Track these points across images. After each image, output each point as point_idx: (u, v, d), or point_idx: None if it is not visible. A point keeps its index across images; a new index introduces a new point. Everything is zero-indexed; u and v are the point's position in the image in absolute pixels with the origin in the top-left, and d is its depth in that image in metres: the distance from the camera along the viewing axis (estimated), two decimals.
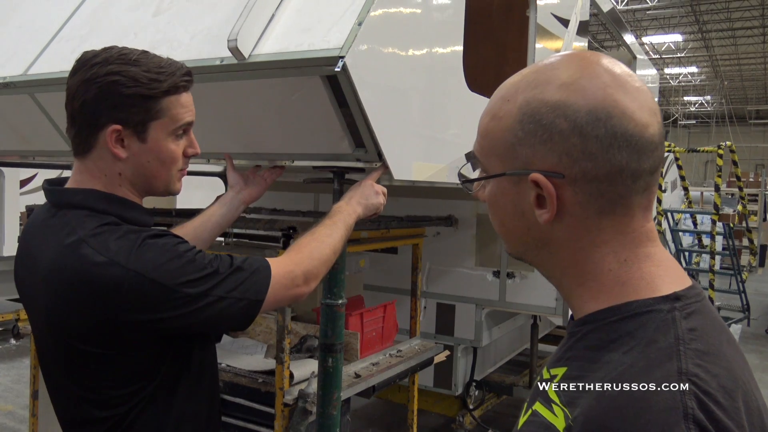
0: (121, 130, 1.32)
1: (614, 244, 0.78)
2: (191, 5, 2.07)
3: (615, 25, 4.71)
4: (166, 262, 1.28)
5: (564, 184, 0.76)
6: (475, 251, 3.93)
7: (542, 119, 0.76)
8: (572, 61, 0.79)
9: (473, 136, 0.87)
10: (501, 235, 0.88)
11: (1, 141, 2.74)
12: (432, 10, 2.17)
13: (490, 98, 0.86)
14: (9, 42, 2.48)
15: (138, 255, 1.27)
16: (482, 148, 0.85)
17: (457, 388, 4.06)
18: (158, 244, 1.31)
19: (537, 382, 0.83)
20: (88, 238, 1.28)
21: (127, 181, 1.39)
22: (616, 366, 0.70)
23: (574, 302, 0.83)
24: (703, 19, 22.01)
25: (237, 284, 1.36)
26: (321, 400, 2.08)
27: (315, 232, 1.61)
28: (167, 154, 1.38)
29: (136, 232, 1.32)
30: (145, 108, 1.32)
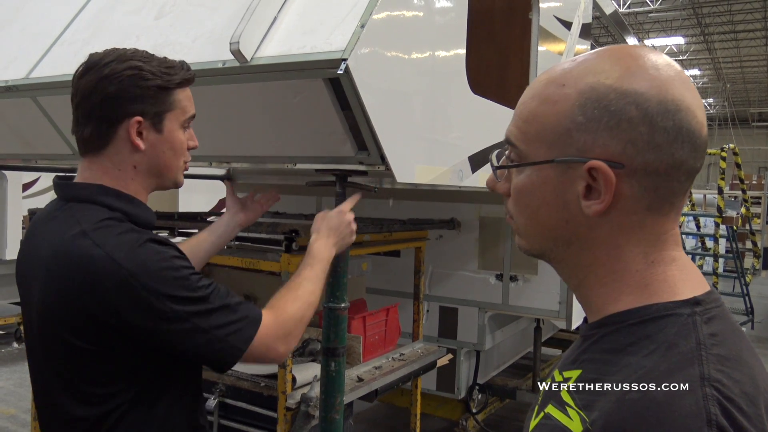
0: (142, 122, 1.38)
1: (647, 244, 0.76)
2: (193, 8, 2.07)
3: (617, 28, 4.70)
4: (160, 270, 1.29)
5: (622, 175, 0.73)
6: (478, 254, 3.92)
7: (610, 105, 0.73)
8: (633, 52, 0.77)
9: (476, 138, 0.86)
10: (525, 228, 0.84)
11: (3, 144, 2.74)
12: (434, 13, 2.17)
13: (533, 84, 0.83)
14: (11, 45, 2.48)
15: (135, 255, 1.29)
16: (524, 133, 0.81)
17: (460, 392, 4.04)
18: (157, 250, 1.32)
19: (547, 385, 0.82)
20: (90, 230, 1.31)
21: (140, 175, 1.43)
22: (635, 369, 0.69)
23: (592, 303, 0.81)
24: (705, 22, 21.99)
25: (223, 323, 1.35)
26: (324, 404, 2.07)
27: (300, 287, 1.58)
28: (179, 144, 1.45)
29: (139, 232, 1.34)
30: (162, 99, 1.39)
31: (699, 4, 20.29)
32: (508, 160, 0.84)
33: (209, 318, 1.33)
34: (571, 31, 3.42)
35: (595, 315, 0.79)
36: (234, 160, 2.27)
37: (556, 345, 5.32)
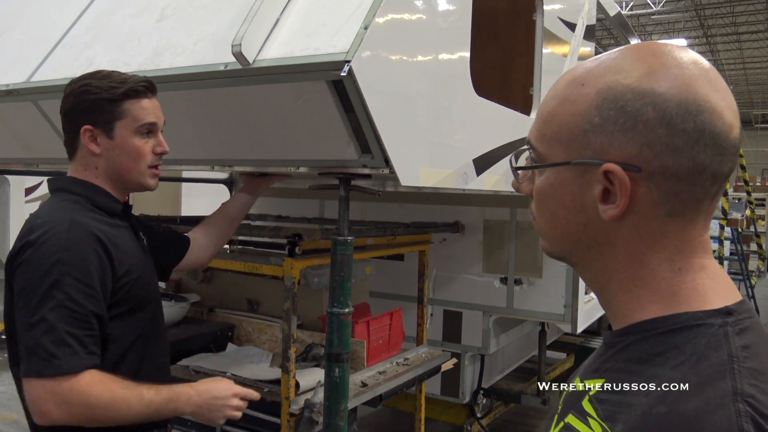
0: (92, 129, 1.64)
1: (672, 250, 0.73)
2: (195, 10, 2.05)
3: (622, 30, 4.68)
4: (52, 254, 1.48)
5: (639, 179, 0.70)
6: (482, 257, 3.90)
7: (626, 105, 0.70)
8: (658, 49, 0.74)
9: (481, 141, 0.84)
10: (546, 230, 0.82)
11: (5, 149, 2.72)
12: (438, 15, 2.15)
13: (555, 83, 0.81)
14: (13, 49, 2.47)
15: (48, 232, 1.52)
16: (543, 134, 0.79)
17: (465, 396, 4.02)
18: (68, 237, 1.51)
19: (567, 393, 0.79)
20: (44, 207, 1.64)
21: (102, 175, 1.68)
22: (662, 381, 0.66)
23: (616, 310, 0.77)
24: (707, 24, 21.96)
25: (38, 338, 1.45)
26: (327, 410, 2.04)
27: (130, 394, 1.51)
28: (132, 149, 1.65)
29: (80, 221, 1.56)
30: (109, 110, 1.62)
31: (702, 5, 20.26)
32: (530, 161, 0.82)
33: (36, 326, 1.45)
34: (575, 33, 3.39)
35: (620, 322, 0.77)
36: (236, 163, 2.25)
37: (560, 349, 5.29)
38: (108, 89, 1.61)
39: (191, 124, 2.11)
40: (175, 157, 2.27)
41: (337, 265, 1.98)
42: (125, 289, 1.62)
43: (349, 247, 1.99)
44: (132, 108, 1.63)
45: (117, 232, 1.66)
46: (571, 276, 3.64)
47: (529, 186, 0.83)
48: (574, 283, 3.64)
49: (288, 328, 2.44)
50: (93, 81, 1.63)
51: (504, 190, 2.73)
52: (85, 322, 1.49)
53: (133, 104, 1.63)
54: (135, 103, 1.63)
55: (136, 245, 1.74)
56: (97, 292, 1.52)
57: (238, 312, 3.19)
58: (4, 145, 2.69)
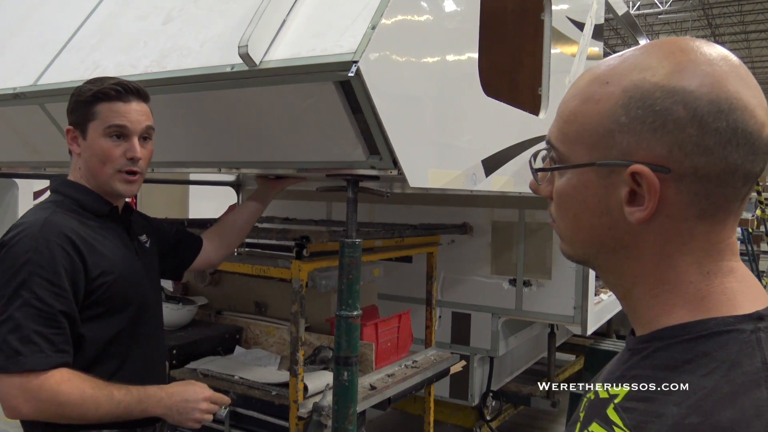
0: (72, 130, 1.71)
1: (700, 253, 0.70)
2: (201, 12, 2.04)
3: (630, 29, 4.65)
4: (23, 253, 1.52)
5: (668, 180, 0.68)
6: (491, 259, 3.87)
7: (655, 104, 0.67)
8: (686, 45, 0.71)
9: (490, 141, 0.81)
10: (568, 234, 0.79)
11: (13, 152, 2.72)
12: (446, 15, 2.13)
13: (576, 82, 0.78)
14: (20, 52, 2.47)
15: (23, 232, 1.56)
16: (565, 134, 0.76)
17: (474, 399, 3.99)
18: (40, 238, 1.54)
19: (589, 399, 0.76)
20: (30, 210, 1.69)
21: (85, 175, 1.73)
22: (694, 390, 0.63)
23: (641, 315, 0.75)
24: (715, 23, 21.85)
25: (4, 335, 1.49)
26: (336, 414, 2.03)
27: (100, 393, 1.55)
28: (99, 150, 1.67)
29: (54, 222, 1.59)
30: (83, 111, 1.68)
31: (709, 5, 20.16)
32: (550, 161, 0.79)
33: (3, 324, 1.49)
34: (583, 32, 3.37)
35: (645, 328, 0.74)
36: (243, 165, 2.24)
37: (570, 350, 5.25)
38: (83, 92, 1.68)
39: (198, 126, 2.10)
40: (181, 160, 2.28)
41: (345, 267, 1.97)
42: (100, 291, 1.62)
43: (357, 249, 1.97)
44: (102, 110, 1.66)
45: (99, 233, 1.68)
46: (580, 277, 3.61)
47: (548, 188, 0.80)
48: (583, 284, 3.61)
49: (296, 331, 2.43)
50: (83, 85, 1.70)
51: (513, 191, 2.70)
52: (53, 321, 1.51)
53: (104, 106, 1.66)
54: (106, 105, 1.66)
55: (123, 247, 1.75)
56: (66, 291, 1.54)
57: (246, 315, 3.18)
58: (11, 148, 2.69)
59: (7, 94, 2.31)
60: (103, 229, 1.71)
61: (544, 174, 0.80)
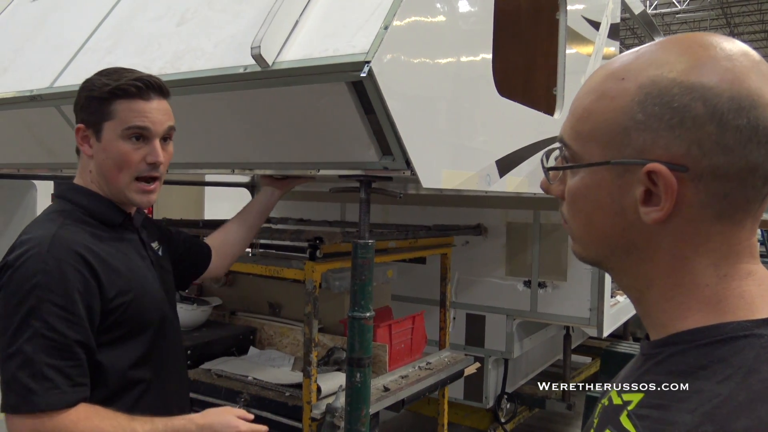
0: (83, 128, 1.51)
1: (717, 255, 0.68)
2: (215, 14, 2.05)
3: (646, 28, 4.60)
4: (30, 277, 1.34)
5: (685, 180, 0.65)
6: (506, 260, 3.85)
7: (673, 101, 0.65)
8: (704, 40, 0.68)
9: (504, 142, 0.79)
10: (580, 234, 0.77)
11: (31, 154, 2.75)
12: (459, 15, 2.12)
13: (590, 78, 0.76)
14: (36, 55, 2.50)
15: (28, 253, 1.37)
16: (578, 132, 0.74)
17: (488, 401, 3.97)
18: (47, 260, 1.36)
19: (603, 406, 0.74)
20: (34, 221, 1.50)
21: (96, 180, 1.54)
22: (709, 397, 0.61)
23: (655, 318, 0.72)
24: (734, 22, 21.59)
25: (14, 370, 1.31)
26: (349, 416, 2.02)
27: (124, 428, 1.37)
28: (117, 154, 1.48)
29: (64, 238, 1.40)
30: (98, 109, 1.48)
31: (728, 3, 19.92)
32: (562, 160, 0.77)
33: (13, 358, 1.31)
34: (599, 32, 3.34)
35: (659, 332, 0.72)
36: (257, 166, 2.24)
37: (586, 353, 5.21)
38: (98, 87, 1.47)
39: (211, 127, 2.10)
40: (195, 161, 2.28)
41: (358, 268, 1.96)
42: (118, 313, 1.45)
43: (369, 250, 1.97)
44: (121, 109, 1.46)
45: (113, 246, 1.50)
46: (596, 279, 3.58)
47: (560, 187, 0.78)
48: (599, 286, 3.58)
49: (309, 332, 2.43)
50: (95, 78, 1.50)
51: (527, 192, 2.68)
52: (68, 352, 1.33)
53: (123, 105, 1.46)
54: (125, 103, 1.46)
55: (139, 260, 1.58)
56: (81, 318, 1.36)
57: (260, 315, 3.18)
58: (29, 150, 2.72)
59: (24, 96, 2.34)
60: (116, 241, 1.52)
61: (555, 173, 0.79)
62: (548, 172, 0.80)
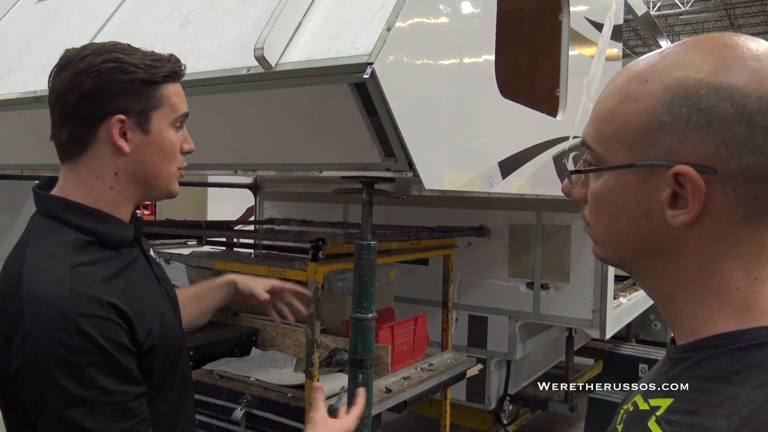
0: (126, 121, 1.19)
1: (747, 258, 0.67)
2: (218, 15, 2.05)
3: (650, 30, 4.60)
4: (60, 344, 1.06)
5: (713, 182, 0.64)
6: (508, 262, 3.85)
7: (700, 102, 0.64)
8: (729, 41, 0.68)
9: (506, 143, 0.79)
10: (604, 238, 0.76)
11: (34, 155, 2.76)
12: (462, 17, 2.12)
13: (612, 80, 0.74)
14: (40, 56, 2.51)
15: (47, 311, 1.08)
16: (601, 134, 0.72)
17: (491, 403, 3.97)
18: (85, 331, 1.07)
19: (627, 411, 0.73)
20: (30, 260, 1.14)
21: (122, 183, 1.24)
22: (744, 403, 0.60)
23: (683, 322, 0.71)
24: (738, 23, 21.55)
25: None
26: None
27: None
28: (169, 146, 1.26)
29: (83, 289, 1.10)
30: (146, 95, 1.21)
31: (732, 4, 19.90)
32: (585, 163, 0.76)
33: None
34: (602, 33, 3.34)
35: (687, 336, 0.70)
36: (259, 168, 2.25)
37: (588, 354, 5.20)
38: (146, 68, 1.21)
39: (214, 128, 2.11)
40: (198, 162, 2.29)
41: (360, 269, 1.97)
42: (149, 358, 1.21)
43: (372, 251, 1.97)
44: (170, 94, 1.25)
45: (127, 279, 1.21)
46: (599, 280, 3.58)
47: (582, 190, 0.77)
48: (602, 287, 3.58)
49: (312, 333, 2.43)
50: (122, 56, 1.20)
51: (530, 194, 2.68)
52: (131, 410, 1.14)
53: (171, 90, 1.25)
54: (172, 88, 1.26)
55: (150, 282, 1.32)
56: (131, 370, 1.15)
57: (263, 316, 3.19)
58: (33, 151, 2.73)
59: (28, 97, 2.35)
60: (127, 268, 1.24)
61: (578, 176, 0.77)
62: (571, 176, 0.79)
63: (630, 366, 4.32)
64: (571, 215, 3.64)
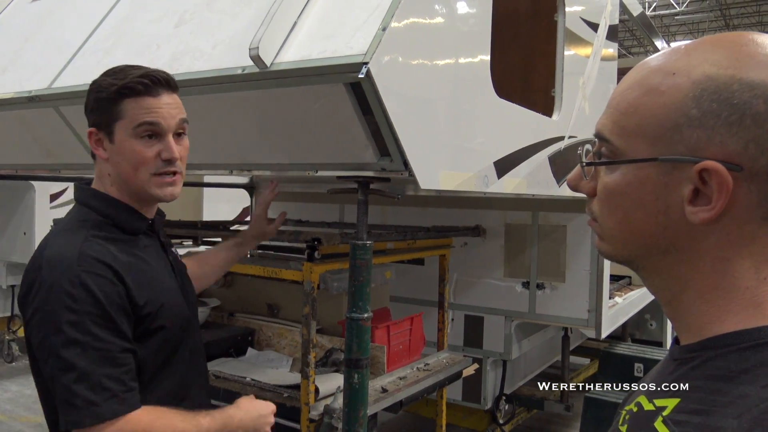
0: (95, 132, 1.48)
1: (759, 258, 0.66)
2: (213, 15, 2.05)
3: (645, 30, 4.61)
4: (64, 293, 1.33)
5: (739, 179, 0.64)
6: (504, 262, 3.85)
7: (733, 98, 0.63)
8: (759, 39, 0.67)
9: (502, 143, 0.78)
10: (614, 233, 0.74)
11: (29, 155, 2.75)
12: (457, 17, 2.12)
13: (630, 74, 0.73)
14: (35, 56, 2.50)
15: (58, 267, 1.36)
16: (622, 127, 0.71)
17: (487, 402, 3.97)
18: (78, 274, 1.34)
19: (630, 412, 0.72)
20: (58, 231, 1.47)
21: (115, 183, 1.50)
22: (755, 402, 0.59)
23: (690, 321, 0.71)
24: (733, 24, 21.62)
25: (67, 386, 1.31)
26: (347, 417, 2.02)
27: (188, 425, 1.42)
28: (130, 154, 1.45)
29: (92, 251, 1.38)
30: (108, 110, 1.45)
31: (727, 5, 19.96)
32: (596, 156, 0.75)
33: (66, 374, 1.31)
34: (598, 33, 3.34)
35: (694, 335, 0.70)
36: (255, 167, 2.24)
37: (584, 354, 5.21)
38: (105, 87, 1.44)
39: (209, 128, 2.11)
40: (193, 162, 2.28)
41: (355, 269, 1.97)
42: (147, 321, 1.46)
43: (367, 251, 1.97)
44: (129, 107, 1.44)
45: (137, 256, 1.49)
46: (594, 280, 3.58)
47: (590, 184, 0.76)
48: (598, 287, 3.58)
49: (308, 333, 2.43)
50: (101, 79, 1.48)
51: (526, 193, 2.69)
52: (119, 360, 1.36)
53: (131, 103, 1.43)
54: (133, 101, 1.43)
55: (161, 267, 1.58)
56: (123, 325, 1.38)
57: (259, 317, 3.18)
58: (27, 151, 2.72)
59: (22, 97, 2.34)
60: (138, 249, 1.52)
61: (589, 169, 0.76)
62: (584, 168, 0.77)
63: (625, 365, 4.33)
64: (567, 215, 3.65)
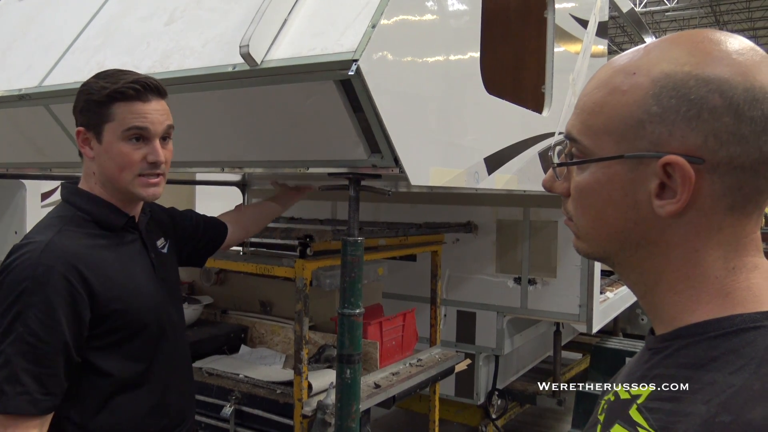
0: (84, 131, 1.54)
1: (726, 248, 0.69)
2: (204, 13, 2.05)
3: (635, 26, 4.63)
4: (17, 282, 1.39)
5: (701, 171, 0.66)
6: (496, 257, 3.87)
7: (690, 93, 0.66)
8: (713, 36, 0.70)
9: (492, 139, 0.79)
10: (588, 231, 0.76)
11: (20, 154, 2.74)
12: (448, 13, 2.13)
13: (596, 74, 0.76)
14: (25, 54, 2.49)
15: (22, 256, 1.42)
16: (589, 127, 0.73)
17: (479, 397, 3.99)
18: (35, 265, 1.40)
19: (608, 401, 0.74)
20: (36, 226, 1.54)
21: (100, 182, 1.57)
22: (722, 388, 0.61)
23: (663, 312, 0.72)
24: (723, 20, 21.73)
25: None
26: (339, 412, 2.03)
27: None
28: (118, 155, 1.52)
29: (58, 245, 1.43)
30: (98, 112, 1.51)
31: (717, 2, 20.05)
32: (567, 156, 0.77)
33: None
34: (587, 30, 3.36)
35: (667, 325, 0.72)
36: (246, 165, 2.25)
37: (576, 349, 5.24)
38: (96, 90, 1.51)
39: (200, 126, 2.11)
40: (185, 159, 2.29)
41: (347, 266, 1.97)
42: (112, 318, 1.49)
43: (359, 247, 1.98)
44: (119, 111, 1.50)
45: (111, 252, 1.54)
46: (586, 275, 3.61)
47: (564, 185, 0.78)
48: (589, 282, 3.61)
49: (300, 330, 2.44)
50: (92, 81, 1.54)
51: (516, 189, 2.70)
52: (47, 360, 1.38)
53: (122, 107, 1.50)
54: (123, 105, 1.50)
55: (139, 264, 1.61)
56: (62, 325, 1.39)
57: (251, 314, 3.19)
58: (17, 149, 2.71)
59: (12, 95, 2.33)
60: (116, 246, 1.56)
61: (561, 169, 0.78)
62: (556, 169, 0.79)
63: (617, 360, 4.36)
64: (558, 211, 3.67)
